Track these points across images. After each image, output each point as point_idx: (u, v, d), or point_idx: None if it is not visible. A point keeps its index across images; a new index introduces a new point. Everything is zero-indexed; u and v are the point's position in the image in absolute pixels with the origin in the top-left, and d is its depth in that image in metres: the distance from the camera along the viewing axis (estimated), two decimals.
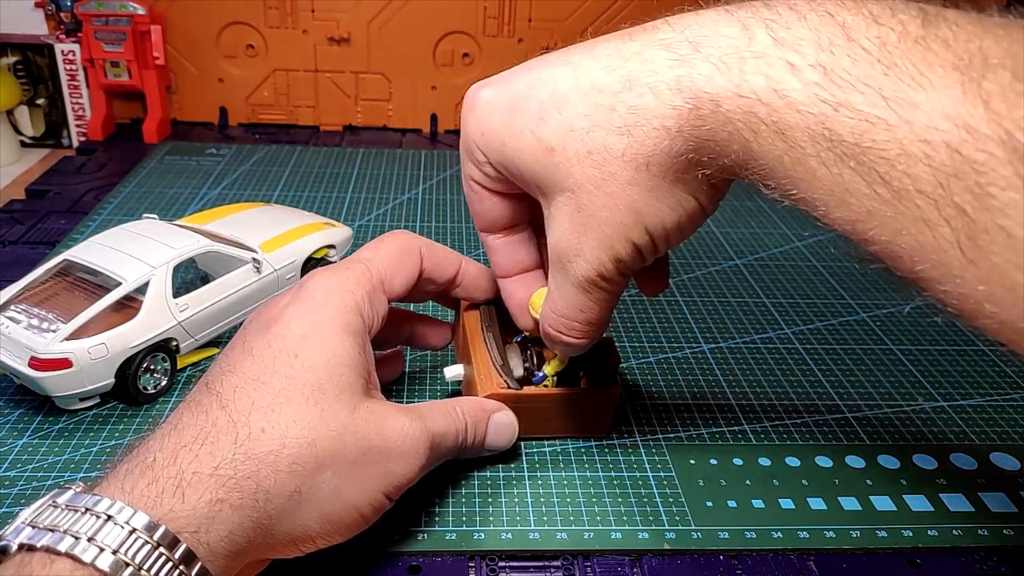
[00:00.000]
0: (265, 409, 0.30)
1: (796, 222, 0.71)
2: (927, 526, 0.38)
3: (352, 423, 0.31)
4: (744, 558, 0.36)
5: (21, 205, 0.67)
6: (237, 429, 0.29)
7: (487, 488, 0.39)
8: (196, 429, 0.29)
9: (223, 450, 0.28)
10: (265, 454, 0.29)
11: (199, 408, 0.30)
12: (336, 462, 0.30)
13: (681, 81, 0.28)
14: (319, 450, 0.30)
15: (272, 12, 0.83)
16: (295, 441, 0.29)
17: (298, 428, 0.30)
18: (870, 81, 0.24)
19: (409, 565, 0.35)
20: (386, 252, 0.38)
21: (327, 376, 0.32)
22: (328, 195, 0.71)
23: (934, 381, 0.49)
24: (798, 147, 0.25)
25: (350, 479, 0.31)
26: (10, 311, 0.42)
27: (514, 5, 0.84)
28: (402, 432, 0.33)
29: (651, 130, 0.29)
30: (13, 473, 0.38)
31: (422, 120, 0.89)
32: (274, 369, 0.31)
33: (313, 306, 0.34)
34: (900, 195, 0.23)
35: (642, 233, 0.31)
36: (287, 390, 0.31)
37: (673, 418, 0.45)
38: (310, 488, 0.30)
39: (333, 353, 0.32)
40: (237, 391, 0.30)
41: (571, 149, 0.31)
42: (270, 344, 0.32)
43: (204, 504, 0.27)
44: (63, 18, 0.79)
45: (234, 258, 0.47)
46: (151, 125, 0.82)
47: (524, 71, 0.34)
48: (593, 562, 0.35)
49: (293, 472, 0.29)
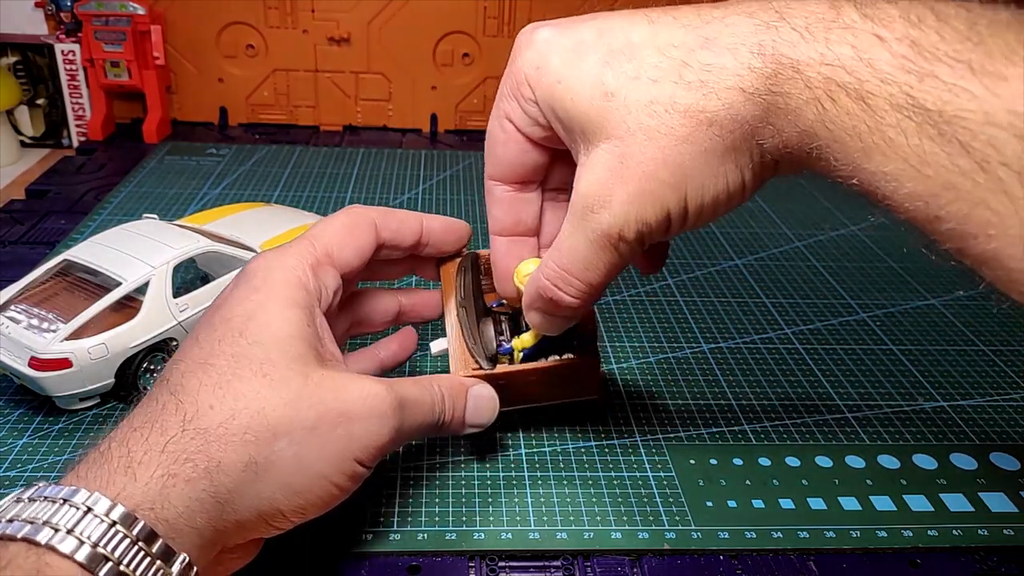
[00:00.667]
0: (212, 387, 0.30)
1: (796, 222, 0.71)
2: (927, 526, 0.38)
3: (305, 390, 0.31)
4: (744, 558, 0.36)
5: (21, 205, 0.67)
6: (185, 408, 0.29)
7: (487, 488, 0.39)
8: (145, 414, 0.29)
9: (171, 428, 0.28)
10: (214, 427, 0.29)
11: (150, 398, 0.30)
12: (291, 429, 0.30)
13: (764, 45, 0.28)
14: (270, 418, 0.29)
15: (272, 12, 0.83)
16: (244, 412, 0.29)
17: (247, 400, 0.30)
18: (959, 56, 0.24)
19: (409, 565, 0.35)
20: (333, 226, 0.37)
21: (275, 349, 0.31)
22: (328, 195, 0.71)
23: (934, 381, 0.49)
24: (878, 115, 0.25)
25: (310, 446, 0.30)
26: (10, 311, 0.42)
27: (514, 5, 0.84)
28: (363, 393, 0.32)
29: (723, 89, 0.28)
30: (13, 473, 0.38)
31: (422, 120, 0.89)
32: (220, 350, 0.31)
33: (255, 286, 0.33)
34: (982, 166, 0.23)
35: (680, 199, 0.30)
36: (234, 367, 0.30)
37: (673, 418, 0.45)
38: (266, 458, 0.29)
39: (279, 327, 0.32)
40: (185, 376, 0.30)
41: (632, 97, 0.30)
42: (215, 328, 0.32)
43: (156, 479, 0.27)
44: (63, 18, 0.79)
45: (234, 258, 0.47)
46: (151, 125, 0.82)
47: (591, 19, 0.33)
48: (593, 562, 0.35)
49: (245, 442, 0.29)
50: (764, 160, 0.30)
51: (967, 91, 0.23)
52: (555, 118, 0.33)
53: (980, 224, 0.24)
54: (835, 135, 0.27)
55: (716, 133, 0.29)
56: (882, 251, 0.66)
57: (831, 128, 0.27)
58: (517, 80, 0.34)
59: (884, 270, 0.63)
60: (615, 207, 0.31)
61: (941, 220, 0.25)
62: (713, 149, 0.29)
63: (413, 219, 0.40)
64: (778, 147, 0.29)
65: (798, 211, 0.73)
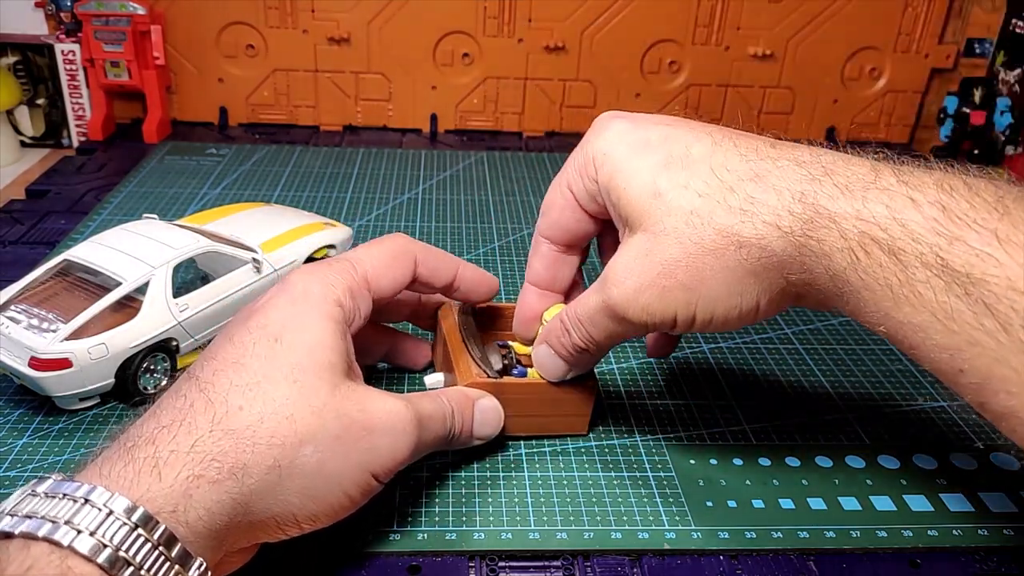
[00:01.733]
0: (243, 388, 0.30)
1: None
2: (927, 526, 0.38)
3: (333, 399, 0.31)
4: (744, 558, 0.36)
5: (21, 205, 0.67)
6: (215, 407, 0.29)
7: (487, 488, 0.39)
8: (174, 411, 0.29)
9: (200, 428, 0.29)
10: (243, 429, 0.29)
11: (178, 393, 0.31)
12: (317, 437, 0.30)
13: (806, 195, 0.30)
14: (299, 425, 0.30)
15: (272, 12, 0.83)
16: (273, 416, 0.30)
17: (277, 404, 0.30)
18: (986, 224, 0.26)
19: (409, 565, 0.35)
20: (378, 253, 0.39)
21: (307, 356, 0.32)
22: (328, 195, 0.71)
23: (934, 381, 0.49)
24: (909, 270, 0.28)
25: (333, 454, 0.31)
26: (10, 311, 0.42)
27: (514, 5, 0.84)
28: (386, 409, 0.33)
29: (760, 221, 0.31)
30: (13, 473, 0.38)
31: (422, 120, 0.89)
32: (253, 352, 0.32)
33: (294, 297, 0.34)
34: (1005, 327, 0.25)
35: (689, 303, 0.33)
36: (266, 370, 0.31)
37: (673, 418, 0.45)
38: (291, 462, 0.30)
39: (313, 335, 0.33)
40: (216, 374, 0.31)
41: (676, 202, 0.33)
42: (250, 330, 0.33)
43: (181, 481, 0.27)
44: (63, 18, 0.79)
45: (234, 258, 0.47)
46: (151, 125, 0.82)
47: (661, 123, 0.36)
48: (593, 562, 0.35)
49: (272, 446, 0.29)
50: (786, 291, 0.32)
51: (992, 257, 0.26)
52: (609, 199, 0.36)
53: (1001, 380, 0.26)
54: (867, 283, 0.29)
55: (742, 256, 0.32)
56: None
57: (863, 277, 0.29)
58: (585, 159, 0.37)
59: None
60: (627, 289, 0.34)
61: (964, 373, 0.27)
62: (734, 268, 0.32)
63: (451, 261, 0.42)
64: (805, 282, 0.31)
65: None
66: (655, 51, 0.87)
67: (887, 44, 0.88)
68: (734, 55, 0.87)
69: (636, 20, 0.85)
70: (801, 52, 0.87)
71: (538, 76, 0.87)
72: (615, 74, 0.88)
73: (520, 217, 0.69)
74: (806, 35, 0.87)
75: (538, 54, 0.86)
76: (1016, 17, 0.82)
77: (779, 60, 0.88)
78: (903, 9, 0.86)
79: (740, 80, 0.88)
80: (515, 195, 0.74)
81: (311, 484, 0.30)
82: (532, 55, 0.86)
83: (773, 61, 0.88)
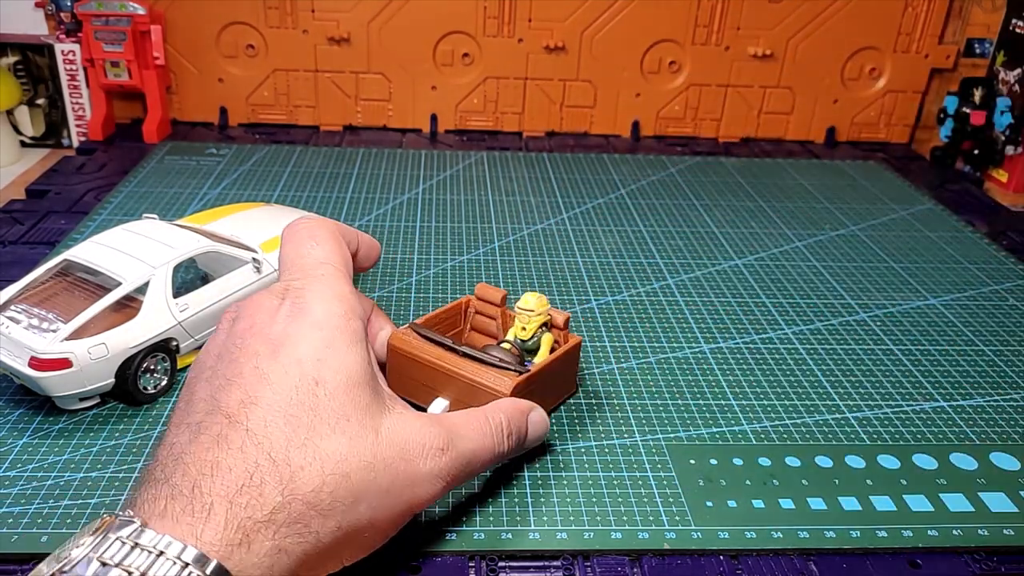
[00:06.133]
0: (300, 445, 0.29)
1: (796, 222, 0.71)
2: (927, 526, 0.38)
3: (378, 449, 0.31)
4: (744, 558, 0.36)
5: (21, 205, 0.67)
6: (279, 470, 0.28)
7: (487, 488, 0.39)
8: (242, 471, 0.28)
9: (272, 494, 0.28)
10: (308, 494, 0.29)
11: (232, 445, 0.29)
12: (368, 493, 0.30)
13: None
14: (354, 483, 0.30)
15: (272, 12, 0.83)
16: (332, 477, 0.29)
17: (333, 463, 0.30)
18: None
19: (409, 565, 0.35)
20: (333, 246, 0.37)
21: (349, 402, 0.31)
22: (328, 195, 0.71)
23: (934, 381, 0.49)
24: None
25: (382, 508, 0.31)
26: (10, 311, 0.42)
27: (514, 5, 0.84)
28: (426, 453, 0.32)
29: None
30: (13, 473, 0.38)
31: (422, 120, 0.89)
32: (299, 400, 0.30)
33: (318, 322, 0.33)
34: None
35: None
36: (315, 423, 0.30)
37: (673, 418, 0.45)
38: (350, 523, 0.30)
39: (350, 373, 0.32)
40: (268, 427, 0.29)
41: None
42: (287, 371, 0.31)
43: (266, 554, 0.27)
44: (63, 18, 0.79)
45: (234, 258, 0.47)
46: (151, 125, 0.82)
47: None
48: (593, 562, 0.35)
49: (335, 510, 0.29)
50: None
51: None
52: None
53: None
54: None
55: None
56: (882, 251, 0.66)
57: None
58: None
59: (884, 270, 0.63)
60: None
61: None
62: None
63: (352, 230, 0.40)
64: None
65: (798, 211, 0.73)
66: (655, 51, 0.87)
67: (887, 44, 0.88)
68: (734, 55, 0.87)
69: (636, 20, 0.85)
70: (801, 52, 0.87)
71: (538, 76, 0.87)
72: (615, 74, 0.88)
73: (520, 217, 0.69)
74: (806, 35, 0.87)
75: (538, 54, 0.86)
76: (1016, 17, 0.82)
77: (779, 60, 0.88)
78: (903, 9, 0.86)
79: (740, 80, 0.88)
80: (515, 195, 0.74)
81: (362, 537, 0.31)
82: (532, 55, 0.86)
83: (773, 61, 0.88)
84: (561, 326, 0.44)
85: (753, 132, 0.91)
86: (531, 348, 0.43)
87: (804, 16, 0.86)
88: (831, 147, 0.91)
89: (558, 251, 0.63)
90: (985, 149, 0.83)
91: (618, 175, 0.79)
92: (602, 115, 0.90)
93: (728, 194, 0.76)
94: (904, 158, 0.89)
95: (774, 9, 0.85)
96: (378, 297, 0.55)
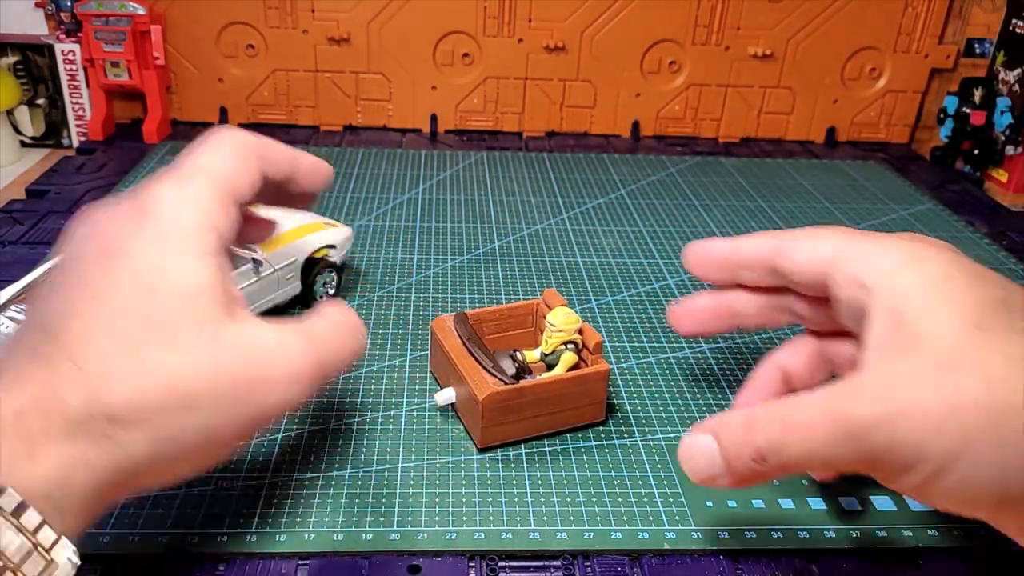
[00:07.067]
0: (118, 355, 0.27)
1: (796, 222, 0.71)
2: (927, 526, 0.38)
3: (217, 355, 0.29)
4: (744, 558, 0.36)
5: (21, 205, 0.67)
6: (87, 381, 0.27)
7: (487, 488, 0.39)
8: (43, 383, 0.27)
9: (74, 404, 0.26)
10: (119, 405, 0.27)
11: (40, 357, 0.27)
12: (202, 402, 0.28)
13: None
14: (180, 391, 0.28)
15: (272, 12, 0.83)
16: (154, 387, 0.27)
17: (157, 374, 0.28)
18: None
19: (409, 565, 0.35)
20: (224, 155, 0.34)
21: (186, 312, 0.29)
22: (328, 195, 0.71)
23: None
24: None
25: (218, 416, 0.29)
26: (10, 311, 0.42)
27: (514, 5, 0.84)
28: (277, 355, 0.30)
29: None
30: None
31: (422, 120, 0.89)
32: (125, 310, 0.28)
33: (163, 232, 0.30)
34: None
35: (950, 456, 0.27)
36: (142, 333, 0.28)
37: (673, 418, 0.45)
38: (172, 434, 0.28)
39: (190, 284, 0.29)
40: (84, 338, 0.27)
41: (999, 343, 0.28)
42: (118, 282, 0.29)
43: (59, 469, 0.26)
44: (63, 18, 0.79)
45: (235, 257, 0.47)
46: (151, 125, 0.82)
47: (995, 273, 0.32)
48: (593, 562, 0.35)
49: (152, 422, 0.27)
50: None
51: None
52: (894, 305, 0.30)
53: None
54: None
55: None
56: None
57: None
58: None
59: None
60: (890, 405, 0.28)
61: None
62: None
63: (286, 147, 0.37)
64: None
65: (798, 211, 0.73)
66: (655, 51, 0.87)
67: (887, 44, 0.88)
68: (734, 55, 0.87)
69: (636, 20, 0.85)
70: (801, 52, 0.88)
71: (538, 76, 0.87)
72: (615, 74, 0.88)
73: (520, 217, 0.69)
74: (806, 35, 0.87)
75: (538, 54, 0.86)
76: (1016, 17, 0.82)
77: (779, 60, 0.88)
78: (903, 9, 0.86)
79: (740, 80, 0.88)
80: (515, 195, 0.74)
81: (195, 448, 0.29)
82: (532, 55, 0.86)
83: (773, 61, 0.88)
84: (591, 349, 0.42)
85: (753, 132, 0.91)
86: (551, 363, 0.43)
87: (804, 16, 0.86)
88: (831, 147, 0.91)
89: (558, 251, 0.63)
90: (985, 149, 0.83)
91: (618, 175, 0.80)
92: (602, 115, 0.90)
93: (728, 194, 0.76)
94: (904, 158, 0.89)
95: (774, 9, 0.85)
96: (378, 297, 0.55)
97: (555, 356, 0.42)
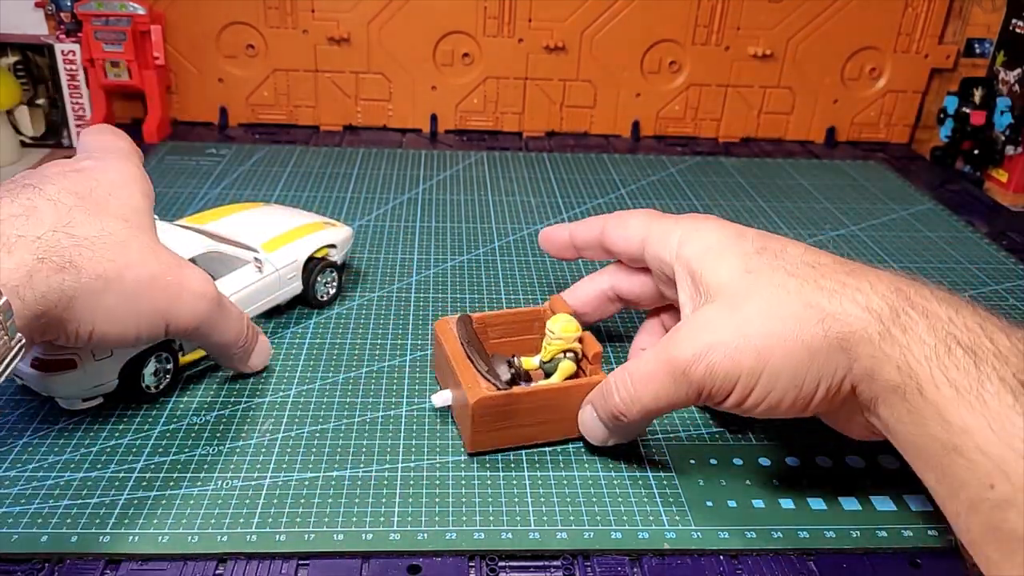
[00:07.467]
0: (85, 212, 0.35)
1: (796, 222, 0.71)
2: (927, 526, 0.38)
3: (156, 248, 0.38)
4: (744, 558, 0.36)
5: None
6: (59, 215, 0.34)
7: (487, 488, 0.39)
8: (21, 206, 0.34)
9: (45, 224, 0.34)
10: (83, 236, 0.34)
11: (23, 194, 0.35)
12: (138, 269, 0.36)
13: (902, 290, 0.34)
14: (131, 251, 0.36)
15: (272, 12, 0.83)
16: (111, 238, 0.35)
17: (113, 232, 0.36)
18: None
19: (409, 565, 0.35)
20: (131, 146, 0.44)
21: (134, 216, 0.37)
22: (328, 195, 0.71)
23: None
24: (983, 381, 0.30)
25: (148, 287, 0.36)
26: None
27: (514, 5, 0.84)
28: (197, 276, 0.39)
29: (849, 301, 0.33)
30: (13, 473, 0.38)
31: (422, 120, 0.89)
32: (90, 190, 0.37)
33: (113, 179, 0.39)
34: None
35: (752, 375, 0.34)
36: (105, 208, 0.36)
37: (673, 418, 0.45)
38: (115, 278, 0.35)
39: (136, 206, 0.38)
40: (61, 192, 0.36)
41: (766, 278, 0.35)
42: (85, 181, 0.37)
43: (26, 263, 0.32)
44: (63, 18, 0.79)
45: (235, 258, 0.47)
46: (151, 125, 0.82)
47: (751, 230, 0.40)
48: (593, 562, 0.35)
49: (104, 259, 0.35)
50: (842, 385, 0.34)
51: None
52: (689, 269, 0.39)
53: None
54: (936, 379, 0.30)
55: (823, 329, 0.33)
56: (882, 251, 0.66)
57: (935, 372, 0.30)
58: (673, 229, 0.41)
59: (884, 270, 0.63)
60: (698, 344, 0.35)
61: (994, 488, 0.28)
62: (808, 343, 0.33)
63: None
64: (868, 372, 0.32)
65: (798, 211, 0.73)
66: (655, 51, 0.87)
67: (887, 44, 0.88)
68: (734, 55, 0.87)
69: (636, 20, 0.85)
70: (801, 52, 0.88)
71: (538, 76, 0.87)
72: (615, 74, 0.88)
73: (520, 217, 0.69)
74: (806, 35, 0.87)
75: (538, 54, 0.86)
76: (1016, 17, 0.82)
77: (779, 60, 0.88)
78: (903, 9, 0.86)
79: (740, 80, 0.88)
80: (515, 195, 0.74)
81: (118, 307, 0.35)
82: (532, 55, 0.86)
83: (773, 61, 0.88)
84: (590, 359, 0.41)
85: (753, 132, 0.91)
86: (548, 371, 0.42)
87: (804, 16, 0.86)
88: (831, 147, 0.91)
89: None
90: (985, 149, 0.83)
91: (618, 175, 0.80)
92: (602, 115, 0.90)
93: (728, 194, 0.77)
94: (904, 158, 0.89)
95: (774, 9, 0.85)
96: (378, 297, 0.55)
97: (553, 364, 0.42)
